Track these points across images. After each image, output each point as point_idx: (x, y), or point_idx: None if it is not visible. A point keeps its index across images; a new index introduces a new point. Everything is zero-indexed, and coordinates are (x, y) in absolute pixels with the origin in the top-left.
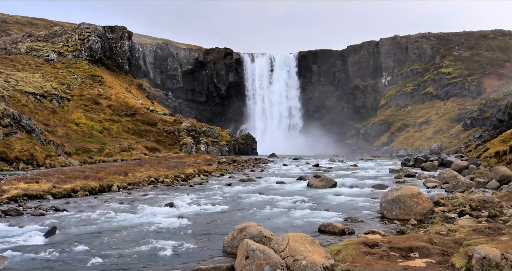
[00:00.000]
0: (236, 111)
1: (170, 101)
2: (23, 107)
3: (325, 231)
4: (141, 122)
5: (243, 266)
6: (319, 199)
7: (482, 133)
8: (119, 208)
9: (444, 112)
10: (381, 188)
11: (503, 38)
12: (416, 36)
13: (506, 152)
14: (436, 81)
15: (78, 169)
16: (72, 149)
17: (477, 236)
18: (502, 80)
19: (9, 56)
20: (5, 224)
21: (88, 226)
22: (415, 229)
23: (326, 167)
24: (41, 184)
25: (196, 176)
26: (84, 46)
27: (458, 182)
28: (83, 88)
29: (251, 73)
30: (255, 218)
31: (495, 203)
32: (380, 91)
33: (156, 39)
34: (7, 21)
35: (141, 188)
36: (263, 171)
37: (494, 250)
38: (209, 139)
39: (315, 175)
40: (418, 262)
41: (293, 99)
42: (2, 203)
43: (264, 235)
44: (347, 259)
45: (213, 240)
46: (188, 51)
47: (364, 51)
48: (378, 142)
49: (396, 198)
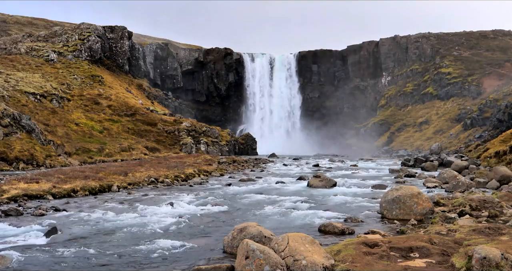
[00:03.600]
0: (236, 111)
1: (170, 101)
2: (23, 107)
3: (325, 231)
4: (141, 122)
5: (243, 266)
6: (319, 199)
7: (482, 133)
8: (119, 208)
9: (444, 112)
10: (381, 188)
11: (503, 38)
12: (416, 36)
13: (506, 152)
14: (436, 81)
15: (78, 169)
16: (72, 149)
17: (477, 236)
18: (502, 80)
19: (9, 56)
20: (5, 224)
21: (88, 226)
22: (415, 229)
23: (326, 167)
24: (41, 184)
25: (196, 176)
26: (84, 46)
27: (458, 182)
28: (83, 88)
29: (251, 73)
30: (255, 218)
31: (495, 203)
32: (380, 91)
33: (156, 39)
34: (7, 21)
35: (141, 188)
36: (263, 171)
37: (494, 250)
38: (209, 139)
39: (315, 175)
40: (418, 262)
41: (293, 99)
42: (2, 203)
43: (264, 235)
44: (347, 259)
45: (213, 240)
46: (188, 51)
47: (364, 51)
48: (378, 142)
49: (396, 198)
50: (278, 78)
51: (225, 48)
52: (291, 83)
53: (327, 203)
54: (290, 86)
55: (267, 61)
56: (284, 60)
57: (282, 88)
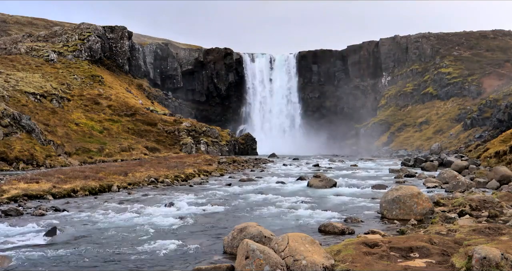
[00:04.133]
0: (236, 111)
1: (170, 101)
2: (23, 107)
3: (325, 231)
4: (141, 122)
5: (243, 266)
6: (319, 199)
7: (482, 133)
8: (119, 208)
9: (444, 112)
10: (381, 188)
11: (503, 38)
12: (416, 36)
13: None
14: (436, 81)
15: (78, 169)
16: (72, 149)
17: (477, 236)
18: (502, 80)
19: (9, 56)
20: (5, 224)
21: (88, 226)
22: (415, 229)
23: (326, 167)
24: (41, 184)
25: (196, 176)
26: (84, 46)
27: (458, 182)
28: (83, 88)
29: (251, 73)
30: (255, 218)
31: (495, 203)
32: (380, 91)
33: (156, 39)
34: (7, 21)
35: (141, 188)
36: (263, 171)
37: (494, 250)
38: (209, 139)
39: (315, 175)
40: (418, 262)
41: (293, 99)
42: (2, 203)
43: (264, 235)
44: (347, 259)
45: (213, 240)
46: (188, 51)
47: (364, 51)
48: (378, 142)
49: (396, 198)
50: (278, 78)
51: (225, 48)
52: (291, 83)
53: (327, 203)
54: (290, 86)
55: (267, 61)
56: (284, 60)
57: (282, 88)
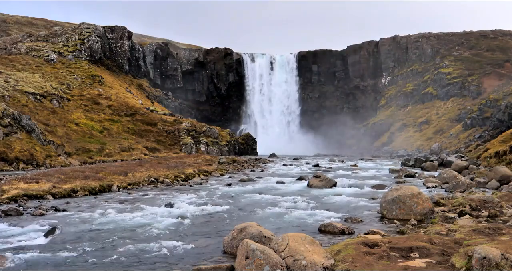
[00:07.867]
0: (236, 111)
1: (170, 101)
2: (23, 107)
3: (325, 231)
4: (141, 122)
5: (243, 266)
6: (319, 199)
7: (482, 133)
8: (119, 208)
9: (444, 112)
10: (381, 188)
11: (503, 38)
12: (416, 36)
13: (506, 152)
14: (436, 81)
15: (78, 169)
16: (72, 149)
17: (477, 236)
18: (502, 80)
19: (9, 56)
20: (5, 224)
21: (88, 226)
22: (415, 229)
23: (326, 167)
24: (41, 184)
25: (196, 176)
26: (84, 46)
27: (458, 182)
28: (83, 88)
29: (251, 73)
30: (255, 218)
31: (495, 203)
32: (380, 91)
33: (156, 39)
34: (7, 21)
35: (141, 188)
36: (263, 171)
37: (494, 250)
38: (209, 139)
39: (315, 175)
40: (418, 262)
41: (293, 99)
42: (2, 203)
43: (264, 235)
44: (347, 259)
45: (213, 240)
46: (188, 51)
47: (364, 51)
48: (378, 142)
49: (396, 198)
50: (278, 78)
51: (225, 48)
52: (291, 83)
53: (327, 203)
54: (290, 86)
55: (267, 61)
56: (284, 60)
57: (282, 88)
